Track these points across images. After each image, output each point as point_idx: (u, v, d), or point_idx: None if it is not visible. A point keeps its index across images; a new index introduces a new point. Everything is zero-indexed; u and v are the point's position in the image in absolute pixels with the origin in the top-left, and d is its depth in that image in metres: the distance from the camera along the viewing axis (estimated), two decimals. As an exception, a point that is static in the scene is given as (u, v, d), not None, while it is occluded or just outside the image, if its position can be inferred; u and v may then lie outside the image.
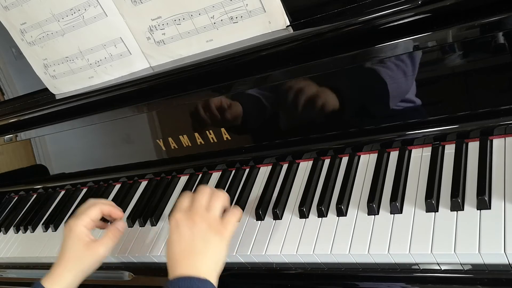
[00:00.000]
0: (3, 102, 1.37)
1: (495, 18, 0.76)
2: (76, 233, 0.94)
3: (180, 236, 0.82)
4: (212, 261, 0.80)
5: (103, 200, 1.03)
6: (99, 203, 0.99)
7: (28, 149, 1.40)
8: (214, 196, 0.88)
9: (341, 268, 0.84)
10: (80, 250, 0.93)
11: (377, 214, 0.84)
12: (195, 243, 0.81)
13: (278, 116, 1.02)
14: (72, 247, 0.93)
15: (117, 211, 1.01)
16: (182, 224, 0.83)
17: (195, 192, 0.90)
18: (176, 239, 0.83)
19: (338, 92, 0.94)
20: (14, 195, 1.53)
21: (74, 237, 0.94)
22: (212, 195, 0.89)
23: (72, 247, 0.93)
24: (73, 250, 0.93)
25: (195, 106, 1.07)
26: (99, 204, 0.99)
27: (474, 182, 0.79)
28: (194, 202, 0.87)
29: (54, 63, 1.20)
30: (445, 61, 0.82)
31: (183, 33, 1.02)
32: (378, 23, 0.83)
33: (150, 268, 1.05)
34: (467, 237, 0.73)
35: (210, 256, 0.80)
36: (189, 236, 0.82)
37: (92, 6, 1.06)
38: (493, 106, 0.82)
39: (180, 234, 0.83)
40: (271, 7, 0.92)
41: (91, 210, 0.97)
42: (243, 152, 1.08)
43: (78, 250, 0.93)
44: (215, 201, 0.87)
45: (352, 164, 0.95)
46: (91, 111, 1.21)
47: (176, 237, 0.83)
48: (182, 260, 0.81)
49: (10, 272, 1.29)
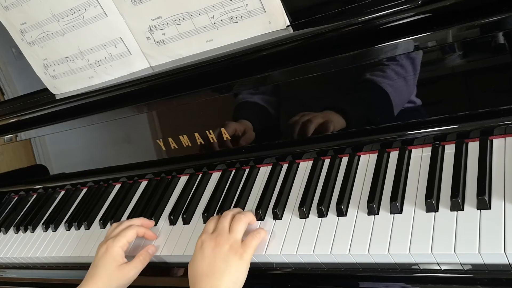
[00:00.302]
0: (3, 102, 1.37)
1: (495, 18, 0.76)
2: (113, 254, 0.97)
3: (203, 256, 0.87)
4: (231, 281, 0.83)
5: (137, 221, 1.07)
6: (135, 226, 1.03)
7: (28, 149, 1.40)
8: (237, 219, 0.90)
9: (341, 268, 0.84)
10: (113, 271, 0.96)
11: (377, 214, 0.84)
12: (216, 263, 0.85)
13: (278, 116, 1.02)
14: (105, 266, 0.96)
15: (151, 234, 1.05)
16: (206, 246, 0.88)
17: (220, 215, 0.94)
18: (199, 259, 0.87)
19: (338, 92, 0.94)
20: (14, 195, 1.53)
21: (109, 257, 0.97)
22: (235, 217, 0.91)
23: (105, 266, 0.96)
24: (106, 269, 0.96)
25: (195, 106, 1.07)
26: (136, 227, 1.03)
27: (474, 182, 0.79)
28: (218, 225, 0.91)
29: (54, 63, 1.20)
30: (445, 61, 0.82)
31: (183, 33, 1.02)
32: (378, 23, 0.83)
33: (150, 268, 1.05)
34: (467, 237, 0.73)
35: (229, 276, 0.83)
36: (211, 256, 0.86)
37: (92, 6, 1.06)
38: (493, 106, 0.82)
39: (203, 255, 0.87)
40: (271, 7, 0.92)
41: (128, 233, 1.01)
42: (243, 152, 1.08)
43: (111, 270, 0.96)
44: (237, 224, 0.89)
45: (352, 164, 0.95)
46: (91, 111, 1.21)
47: (200, 257, 0.87)
48: (203, 278, 0.84)
49: (10, 272, 1.29)
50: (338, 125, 0.95)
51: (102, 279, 0.95)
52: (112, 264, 0.96)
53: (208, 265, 0.85)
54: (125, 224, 1.05)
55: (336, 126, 0.95)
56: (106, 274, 0.96)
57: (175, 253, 0.99)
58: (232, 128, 1.07)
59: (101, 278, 0.95)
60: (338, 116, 0.95)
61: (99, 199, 1.27)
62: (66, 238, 1.20)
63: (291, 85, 0.96)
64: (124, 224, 1.05)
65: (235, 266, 0.84)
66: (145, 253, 1.00)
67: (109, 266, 0.96)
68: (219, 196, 1.07)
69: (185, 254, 0.98)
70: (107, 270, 0.96)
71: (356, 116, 0.94)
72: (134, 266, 0.97)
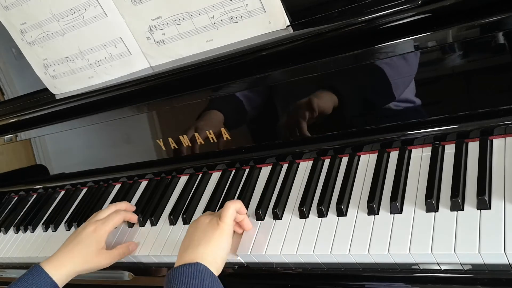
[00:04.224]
0: (3, 102, 1.37)
1: (495, 18, 0.76)
2: (98, 236, 0.99)
3: (187, 234, 0.90)
4: (209, 249, 0.84)
5: (122, 205, 1.09)
6: (121, 211, 1.06)
7: (28, 149, 1.40)
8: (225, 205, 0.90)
9: (341, 268, 0.84)
10: (92, 252, 0.97)
11: (377, 214, 0.84)
12: (195, 236, 0.87)
13: (278, 116, 1.02)
14: (87, 246, 0.97)
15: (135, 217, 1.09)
16: (191, 226, 0.91)
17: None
18: (185, 238, 0.89)
19: (338, 92, 0.94)
20: (14, 195, 1.53)
21: (94, 238, 0.98)
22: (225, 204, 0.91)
23: (87, 246, 0.97)
24: (86, 248, 0.97)
25: (195, 106, 1.07)
26: (123, 213, 1.06)
27: (474, 182, 0.79)
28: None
29: (54, 63, 1.20)
30: (445, 61, 0.82)
31: (183, 33, 1.02)
32: (378, 23, 0.83)
33: (150, 268, 1.05)
34: (467, 237, 0.73)
35: (206, 244, 0.85)
36: (191, 232, 0.89)
37: (92, 6, 1.06)
38: (493, 106, 0.82)
39: (187, 233, 0.90)
40: (271, 7, 0.92)
41: (116, 218, 1.04)
42: (243, 152, 1.08)
43: (90, 251, 0.97)
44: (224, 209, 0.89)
45: (352, 164, 0.95)
46: (91, 111, 1.21)
47: (185, 236, 0.90)
48: (182, 253, 0.87)
49: (10, 272, 1.29)
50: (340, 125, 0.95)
51: (80, 256, 0.96)
52: (94, 245, 0.97)
53: (188, 240, 0.87)
54: (112, 208, 1.06)
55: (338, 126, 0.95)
56: (85, 253, 0.97)
57: (175, 253, 0.99)
58: (232, 128, 1.07)
59: (79, 254, 0.96)
60: (339, 116, 0.95)
61: (99, 199, 1.27)
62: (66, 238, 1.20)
63: (291, 85, 0.96)
64: (111, 208, 1.06)
65: (213, 236, 0.85)
66: (125, 248, 1.02)
67: (91, 246, 0.97)
68: (219, 196, 1.07)
69: (185, 254, 0.98)
70: (87, 250, 0.97)
71: (356, 116, 0.94)
72: (111, 256, 0.99)
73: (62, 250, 0.98)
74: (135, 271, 1.07)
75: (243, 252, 0.90)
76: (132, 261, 1.07)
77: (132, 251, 1.03)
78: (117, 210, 1.06)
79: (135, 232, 1.10)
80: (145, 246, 1.05)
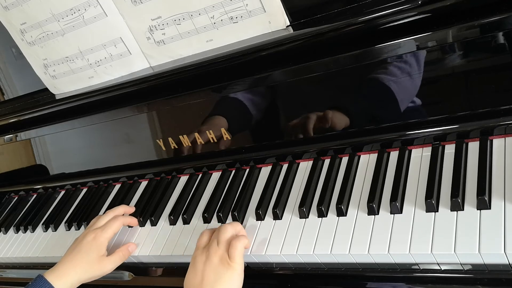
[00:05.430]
0: (3, 102, 1.37)
1: (495, 18, 0.76)
2: (98, 244, 1.00)
3: (195, 271, 0.87)
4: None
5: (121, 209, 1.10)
6: (120, 217, 1.06)
7: (28, 149, 1.40)
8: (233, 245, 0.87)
9: (341, 268, 0.84)
10: (94, 260, 0.98)
11: (377, 214, 0.84)
12: (206, 276, 0.85)
13: (278, 116, 1.02)
14: (88, 254, 0.98)
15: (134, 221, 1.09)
16: (198, 260, 0.88)
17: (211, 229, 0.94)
18: (192, 274, 0.88)
19: (338, 92, 0.94)
20: (14, 195, 1.53)
21: (95, 246, 0.99)
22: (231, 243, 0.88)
23: (88, 254, 0.98)
24: (88, 257, 0.98)
25: (195, 106, 1.07)
26: (121, 218, 1.06)
27: (474, 182, 0.79)
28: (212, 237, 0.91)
29: (54, 63, 1.20)
30: (445, 61, 0.82)
31: (183, 33, 1.02)
32: (378, 23, 0.83)
33: (150, 268, 1.05)
34: (467, 237, 0.73)
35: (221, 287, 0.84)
36: (201, 270, 0.87)
37: (92, 6, 1.06)
38: (493, 106, 0.82)
39: (195, 269, 0.88)
40: (271, 7, 0.92)
41: (115, 224, 1.04)
42: (243, 152, 1.08)
43: (92, 258, 0.98)
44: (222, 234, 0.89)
45: (352, 164, 0.95)
46: (91, 111, 1.21)
47: (192, 272, 0.88)
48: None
49: (10, 272, 1.29)
50: (340, 125, 0.95)
51: (82, 265, 0.97)
52: (95, 253, 0.98)
53: (199, 279, 0.86)
54: (110, 214, 1.07)
55: (338, 126, 0.95)
56: (87, 261, 0.98)
57: (175, 253, 0.99)
58: (232, 128, 1.07)
59: (81, 264, 0.97)
60: (339, 116, 0.95)
61: (99, 199, 1.27)
62: (66, 238, 1.20)
63: (291, 85, 0.96)
64: (109, 215, 1.07)
65: (226, 277, 0.84)
66: (125, 250, 1.02)
67: (92, 254, 0.98)
68: (219, 196, 1.07)
69: (185, 254, 0.98)
70: (88, 258, 0.98)
71: (356, 116, 0.94)
72: (113, 260, 1.00)
73: (64, 260, 0.99)
74: (135, 271, 1.07)
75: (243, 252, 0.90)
76: (132, 261, 1.07)
77: (132, 251, 1.03)
78: (116, 216, 1.06)
79: (135, 232, 1.10)
80: (145, 246, 1.05)
